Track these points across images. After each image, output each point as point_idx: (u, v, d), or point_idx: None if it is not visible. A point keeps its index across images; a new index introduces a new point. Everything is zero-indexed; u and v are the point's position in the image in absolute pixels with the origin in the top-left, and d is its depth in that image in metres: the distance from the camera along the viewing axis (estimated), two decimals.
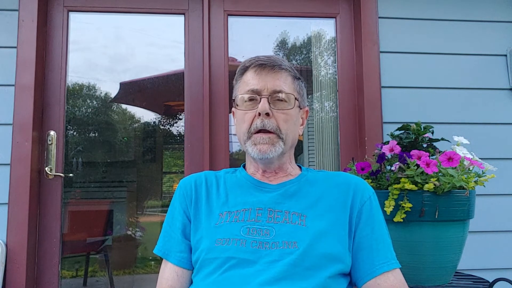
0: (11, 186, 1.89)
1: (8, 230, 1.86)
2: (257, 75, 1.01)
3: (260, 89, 0.99)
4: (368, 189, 1.01)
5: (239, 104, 1.04)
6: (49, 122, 2.05)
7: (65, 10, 2.14)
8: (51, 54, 2.09)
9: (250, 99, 1.01)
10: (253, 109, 1.00)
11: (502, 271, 1.97)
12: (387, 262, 0.93)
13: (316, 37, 2.44)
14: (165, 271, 1.00)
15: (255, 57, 1.04)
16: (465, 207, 1.31)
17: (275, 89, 0.99)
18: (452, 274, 1.37)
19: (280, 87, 1.00)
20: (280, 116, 0.99)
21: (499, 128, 2.16)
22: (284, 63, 1.04)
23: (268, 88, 0.99)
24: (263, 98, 0.98)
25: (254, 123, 0.99)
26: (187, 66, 2.17)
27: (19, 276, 1.84)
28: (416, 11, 2.22)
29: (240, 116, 1.03)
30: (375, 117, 2.11)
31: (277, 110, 0.99)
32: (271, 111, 0.98)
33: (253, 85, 1.00)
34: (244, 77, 1.05)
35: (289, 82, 1.03)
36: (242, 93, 1.02)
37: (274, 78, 1.00)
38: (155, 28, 2.34)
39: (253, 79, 1.01)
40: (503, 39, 2.23)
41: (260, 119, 0.97)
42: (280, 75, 1.01)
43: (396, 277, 0.92)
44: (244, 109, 1.02)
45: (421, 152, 1.30)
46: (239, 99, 1.03)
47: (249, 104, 1.01)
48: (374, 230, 0.95)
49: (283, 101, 1.00)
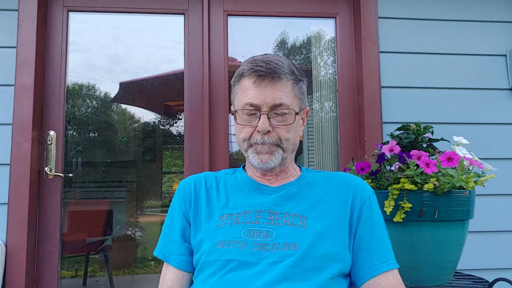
0: (11, 186, 1.89)
1: (8, 230, 1.86)
2: (256, 87, 0.96)
3: (259, 104, 0.95)
4: (367, 189, 1.02)
5: (237, 117, 1.01)
6: (48, 122, 2.05)
7: (65, 10, 2.13)
8: (50, 54, 2.09)
9: (249, 114, 0.98)
10: (252, 125, 0.97)
11: (502, 271, 1.97)
12: (387, 262, 0.94)
13: (316, 37, 2.44)
14: (166, 274, 1.01)
15: (252, 61, 0.99)
16: (465, 207, 1.31)
17: (275, 102, 0.95)
18: (452, 274, 1.37)
19: (281, 99, 0.96)
20: (281, 129, 0.97)
21: (499, 128, 2.16)
22: (283, 67, 0.98)
23: (267, 102, 0.95)
24: (263, 115, 0.95)
25: (254, 137, 0.97)
26: (187, 66, 2.17)
27: (18, 276, 1.84)
28: (416, 11, 2.22)
29: (239, 128, 1.01)
30: (375, 117, 2.11)
31: (278, 126, 0.97)
32: (271, 128, 0.96)
33: (251, 99, 0.96)
34: (242, 84, 1.01)
35: (289, 90, 0.99)
36: (241, 108, 0.99)
37: (273, 89, 0.96)
38: (154, 28, 2.34)
39: (251, 90, 0.97)
40: (503, 39, 2.23)
41: (260, 135, 0.96)
42: (280, 86, 0.97)
43: (394, 277, 0.93)
44: (243, 124, 0.99)
45: (421, 152, 1.30)
46: (237, 113, 1.00)
47: (248, 118, 0.98)
48: (374, 230, 0.96)
49: (283, 115, 0.97)
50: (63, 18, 2.13)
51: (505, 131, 2.16)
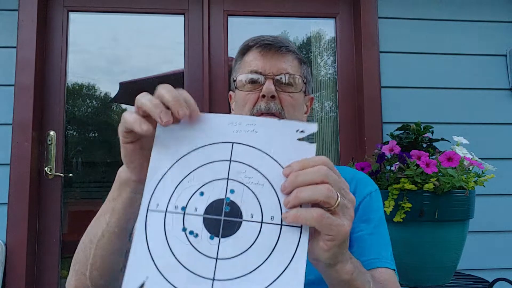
0: (11, 186, 1.89)
1: (8, 230, 1.86)
2: (262, 56, 0.94)
3: (264, 70, 0.93)
4: (370, 185, 0.98)
5: (239, 86, 0.96)
6: (48, 122, 2.05)
7: (65, 10, 2.13)
8: (50, 54, 2.09)
9: (252, 81, 0.94)
10: (256, 91, 0.93)
11: (502, 271, 1.97)
12: (380, 259, 0.87)
13: (316, 37, 2.44)
14: None
15: (259, 36, 0.97)
16: (465, 207, 1.31)
17: (281, 71, 0.93)
18: (452, 274, 1.37)
19: (286, 69, 0.93)
20: (286, 99, 0.92)
21: (499, 128, 2.16)
22: (291, 45, 0.97)
23: (273, 71, 0.92)
24: (268, 79, 0.91)
25: (257, 105, 0.92)
26: (187, 66, 2.17)
27: (18, 276, 1.84)
28: (416, 11, 2.22)
29: (241, 97, 0.95)
30: (375, 117, 2.11)
31: (283, 93, 0.92)
32: (276, 93, 0.91)
33: (256, 66, 0.93)
34: (246, 58, 0.97)
35: (296, 65, 0.97)
36: (245, 73, 0.94)
37: (279, 60, 0.94)
38: (154, 29, 2.34)
39: (257, 60, 0.94)
40: (503, 39, 2.23)
41: (265, 102, 0.90)
42: (287, 58, 0.95)
43: (387, 272, 0.85)
44: (246, 91, 0.94)
45: (421, 152, 1.30)
46: (240, 81, 0.95)
47: (252, 86, 0.94)
48: (369, 227, 0.91)
49: (289, 85, 0.94)
50: (63, 18, 2.13)
51: (505, 131, 2.16)
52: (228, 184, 0.52)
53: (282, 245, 0.50)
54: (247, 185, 0.52)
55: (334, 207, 0.51)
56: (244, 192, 0.52)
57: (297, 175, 0.51)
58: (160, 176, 0.54)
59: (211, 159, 0.54)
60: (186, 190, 0.53)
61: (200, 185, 0.53)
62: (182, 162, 0.54)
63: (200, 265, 0.50)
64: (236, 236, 0.50)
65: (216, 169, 0.53)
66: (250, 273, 0.49)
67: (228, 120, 0.55)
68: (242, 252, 0.50)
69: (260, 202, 0.51)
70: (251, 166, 0.53)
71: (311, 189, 0.50)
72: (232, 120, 0.55)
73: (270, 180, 0.52)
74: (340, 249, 0.53)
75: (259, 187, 0.52)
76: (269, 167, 0.53)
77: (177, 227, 0.52)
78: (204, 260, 0.50)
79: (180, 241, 0.51)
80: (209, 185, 0.52)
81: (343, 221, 0.52)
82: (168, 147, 0.54)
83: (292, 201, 0.50)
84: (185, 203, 0.52)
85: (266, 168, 0.53)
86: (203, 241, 0.50)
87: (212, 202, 0.52)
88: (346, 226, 0.52)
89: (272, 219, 0.51)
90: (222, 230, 0.51)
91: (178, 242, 0.51)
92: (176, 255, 0.50)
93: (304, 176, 0.51)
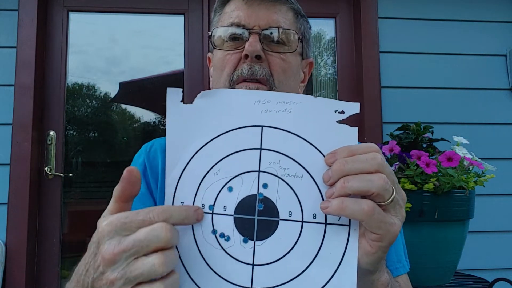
0: (11, 186, 1.89)
1: (8, 230, 1.86)
2: (246, 5, 0.73)
3: (249, 23, 0.72)
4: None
5: (218, 44, 0.75)
6: (48, 122, 2.05)
7: (65, 10, 2.13)
8: (50, 54, 2.09)
9: (233, 37, 0.73)
10: (238, 50, 0.72)
11: (502, 271, 1.97)
12: (401, 263, 0.81)
13: (316, 37, 2.44)
14: None
15: None
16: (465, 207, 1.31)
17: (271, 24, 0.72)
18: (452, 274, 1.37)
19: (278, 22, 0.73)
20: (275, 61, 0.72)
21: (499, 128, 2.16)
22: None
23: (260, 23, 0.72)
24: (253, 34, 0.71)
25: (238, 68, 0.71)
26: (186, 66, 2.17)
27: (19, 276, 1.84)
28: (416, 11, 2.22)
29: (219, 58, 0.75)
30: (375, 117, 2.11)
31: (271, 53, 0.72)
32: (263, 53, 0.71)
33: (238, 18, 0.73)
34: (227, 8, 0.77)
35: (290, 18, 0.77)
36: (224, 26, 0.74)
37: (269, 10, 0.73)
38: (154, 29, 2.34)
39: (240, 10, 0.73)
40: (503, 39, 2.23)
41: (248, 64, 0.70)
42: (279, 8, 0.74)
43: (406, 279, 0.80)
44: (225, 49, 0.74)
45: (421, 152, 1.30)
46: (218, 37, 0.75)
47: (232, 43, 0.73)
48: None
49: (280, 44, 0.73)
50: (63, 18, 2.13)
51: (505, 131, 2.16)
52: (260, 177, 0.44)
53: (328, 247, 0.43)
54: (283, 178, 0.44)
55: (387, 202, 0.42)
56: (280, 186, 0.44)
57: (345, 162, 0.42)
58: (181, 170, 0.46)
59: (238, 147, 0.45)
60: (212, 186, 0.45)
61: (227, 179, 0.45)
62: (204, 152, 0.46)
63: (235, 272, 0.43)
64: (273, 239, 0.43)
65: (244, 159, 0.45)
66: (292, 280, 0.43)
67: (255, 98, 0.45)
68: (281, 257, 0.43)
69: (299, 197, 0.44)
70: (286, 155, 0.44)
71: (363, 177, 0.41)
72: (260, 98, 0.45)
73: (310, 171, 0.44)
74: (384, 254, 0.45)
75: (297, 179, 0.44)
76: (308, 155, 0.44)
77: (207, 229, 0.44)
78: (239, 266, 0.43)
79: (211, 246, 0.44)
80: (237, 179, 0.45)
81: (394, 220, 0.43)
82: (186, 134, 0.46)
83: (338, 191, 0.41)
84: (212, 200, 0.45)
85: (304, 156, 0.44)
86: (235, 245, 0.44)
87: (242, 199, 0.44)
88: (397, 226, 0.43)
89: (315, 217, 0.43)
90: (256, 232, 0.44)
91: (208, 247, 0.44)
92: (208, 261, 0.44)
93: (354, 163, 0.42)
